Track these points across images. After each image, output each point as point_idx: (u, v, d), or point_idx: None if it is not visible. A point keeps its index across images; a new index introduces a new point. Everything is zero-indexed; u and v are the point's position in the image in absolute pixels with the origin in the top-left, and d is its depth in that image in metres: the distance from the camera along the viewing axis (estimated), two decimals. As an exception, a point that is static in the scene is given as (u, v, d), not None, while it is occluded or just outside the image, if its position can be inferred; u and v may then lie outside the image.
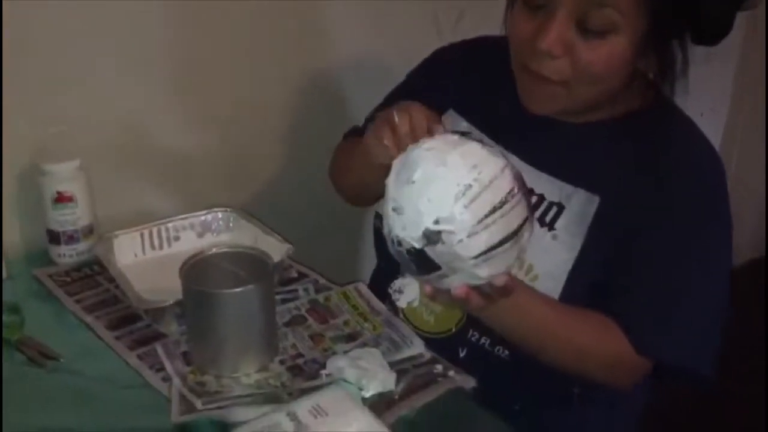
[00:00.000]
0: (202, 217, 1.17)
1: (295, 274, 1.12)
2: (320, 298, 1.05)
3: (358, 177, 1.03)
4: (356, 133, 1.18)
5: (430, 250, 0.73)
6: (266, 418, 0.77)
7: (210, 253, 0.94)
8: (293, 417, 0.77)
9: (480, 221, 0.72)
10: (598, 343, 0.90)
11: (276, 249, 1.06)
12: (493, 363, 0.97)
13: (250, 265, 0.93)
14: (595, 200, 0.93)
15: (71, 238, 1.11)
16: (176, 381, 0.88)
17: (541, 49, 0.85)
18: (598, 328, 0.90)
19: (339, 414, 0.78)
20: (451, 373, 0.91)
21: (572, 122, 0.96)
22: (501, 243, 0.73)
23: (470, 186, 0.72)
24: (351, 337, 0.97)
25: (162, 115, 1.25)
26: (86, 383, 0.89)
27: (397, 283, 1.03)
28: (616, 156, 0.94)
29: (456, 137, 0.77)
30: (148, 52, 1.20)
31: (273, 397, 0.86)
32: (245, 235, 1.15)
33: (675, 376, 0.94)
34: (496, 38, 0.98)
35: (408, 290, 1.03)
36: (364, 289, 1.07)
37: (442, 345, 0.98)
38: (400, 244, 0.74)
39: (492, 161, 0.74)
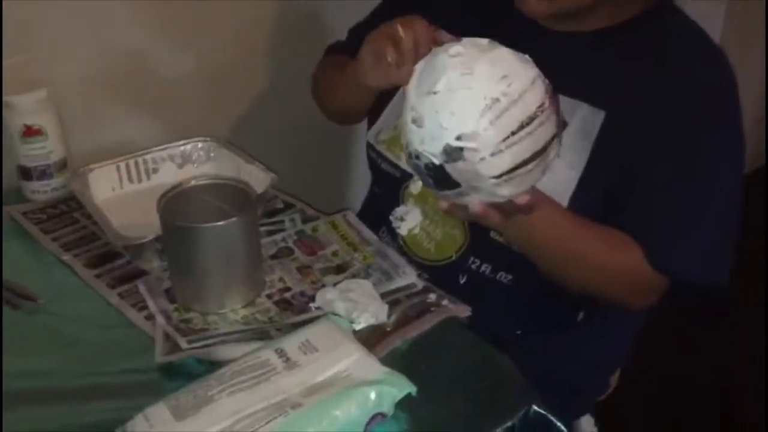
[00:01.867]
0: (182, 148, 1.12)
1: (280, 205, 1.07)
2: (307, 228, 1.01)
3: (345, 100, 0.98)
4: (339, 50, 1.12)
5: (450, 167, 0.68)
6: (254, 356, 0.74)
7: (189, 185, 0.89)
8: (282, 353, 0.74)
9: (505, 139, 0.67)
10: (612, 258, 0.87)
11: (260, 179, 1.02)
12: (495, 289, 0.94)
13: (231, 196, 0.89)
14: (600, 115, 0.88)
15: (43, 174, 1.06)
16: (160, 319, 0.85)
17: None
18: (617, 246, 0.87)
19: (329, 349, 0.75)
20: (445, 302, 0.88)
21: (573, 31, 0.91)
22: (526, 162, 0.68)
23: (498, 100, 0.66)
24: (340, 269, 0.94)
25: (136, 39, 1.18)
26: (66, 324, 0.86)
27: (399, 210, 1.01)
28: (621, 67, 0.89)
29: (485, 42, 0.70)
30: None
31: (261, 333, 0.83)
32: (227, 166, 1.10)
33: (690, 290, 0.91)
34: None
35: (410, 218, 1.00)
36: (353, 217, 1.03)
37: (442, 272, 0.96)
38: (417, 157, 0.69)
39: (523, 71, 0.68)
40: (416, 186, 0.98)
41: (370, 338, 0.82)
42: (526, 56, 0.71)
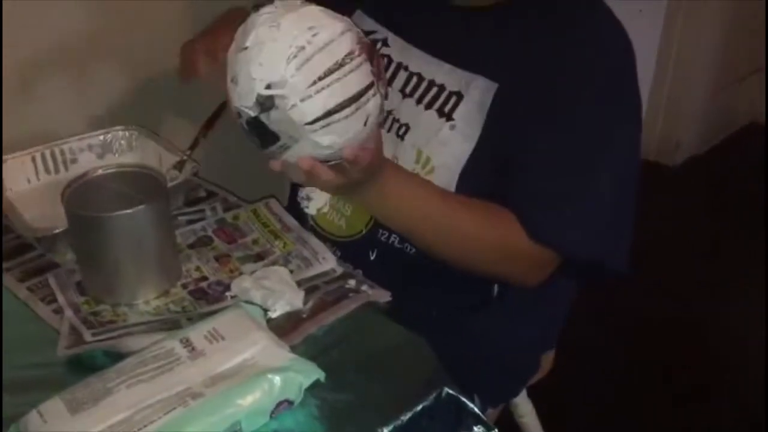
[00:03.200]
0: (101, 137, 1.09)
1: (203, 193, 1.06)
2: (228, 217, 0.99)
3: None
4: None
5: (265, 118, 0.70)
6: (158, 346, 0.73)
7: (95, 174, 0.87)
8: (187, 343, 0.73)
9: (313, 83, 0.68)
10: (486, 230, 0.86)
11: (182, 167, 1.00)
12: (405, 262, 0.94)
13: (142, 184, 0.87)
14: (494, 87, 0.88)
15: (-47, 166, 1.02)
16: (68, 312, 0.83)
17: None
18: (485, 215, 0.86)
19: (237, 338, 0.73)
20: (365, 287, 0.88)
21: (473, 6, 0.92)
22: (340, 108, 0.70)
23: (303, 48, 0.68)
24: (260, 257, 0.92)
25: (56, 24, 1.13)
26: (-30, 320, 0.83)
27: (305, 191, 1.00)
28: (516, 40, 0.89)
29: (297, 2, 0.72)
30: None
31: (171, 324, 0.81)
32: (149, 155, 1.08)
33: (585, 270, 0.91)
34: None
35: (316, 196, 0.99)
36: (275, 205, 1.01)
37: (354, 249, 0.96)
38: (239, 115, 0.71)
39: (330, 24, 0.70)
40: None
41: (286, 325, 0.81)
42: (338, 14, 0.73)
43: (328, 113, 0.69)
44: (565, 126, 0.85)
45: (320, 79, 0.68)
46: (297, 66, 0.68)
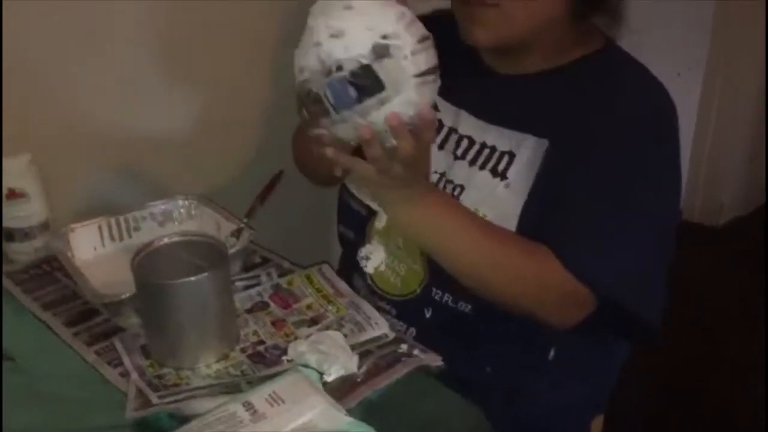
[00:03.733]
0: (163, 206, 1.14)
1: (258, 260, 1.10)
2: (283, 282, 1.03)
3: (318, 167, 1.01)
4: None
5: (377, 65, 0.74)
6: (221, 409, 0.76)
7: (161, 242, 0.91)
8: (249, 406, 0.76)
9: (419, 41, 0.76)
10: (521, 258, 0.88)
11: (240, 235, 1.04)
12: (459, 320, 0.96)
13: (204, 252, 0.91)
14: (544, 143, 0.93)
15: (27, 235, 1.09)
16: (134, 375, 0.86)
17: None
18: (521, 244, 0.88)
19: (296, 401, 0.76)
20: (417, 351, 0.90)
21: (519, 74, 0.97)
22: (432, 70, 0.77)
23: (404, 13, 0.76)
24: (314, 321, 0.96)
25: (115, 102, 1.21)
26: (42, 383, 0.87)
27: (364, 250, 1.05)
28: (564, 100, 0.94)
29: None
30: (98, 40, 1.17)
31: (232, 387, 0.84)
32: (208, 223, 1.12)
33: (620, 321, 0.91)
34: (445, 10, 0.98)
35: (374, 256, 1.04)
36: (328, 270, 1.05)
37: (409, 307, 0.99)
38: (340, 68, 0.74)
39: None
40: (381, 221, 1.02)
41: (341, 389, 0.83)
42: None
43: (428, 71, 0.76)
44: (606, 169, 0.89)
45: (422, 40, 0.76)
46: (406, 25, 0.75)
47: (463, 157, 0.99)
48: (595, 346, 1.00)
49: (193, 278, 0.85)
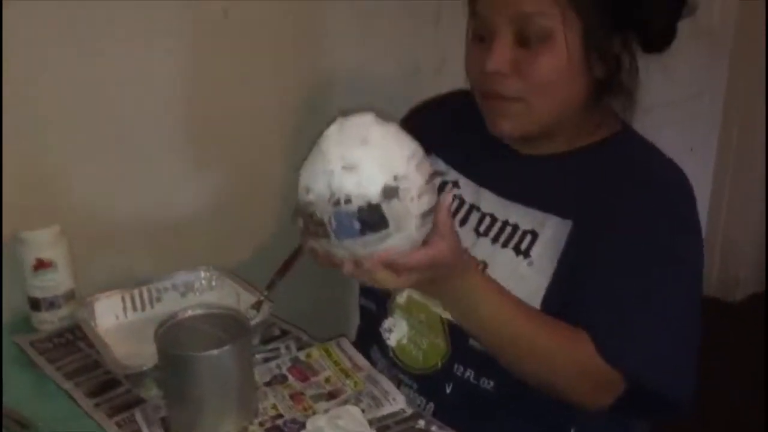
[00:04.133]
0: (185, 277, 1.17)
1: (277, 332, 1.11)
2: (301, 355, 1.04)
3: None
4: None
5: (385, 205, 0.75)
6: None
7: (185, 315, 0.93)
8: (268, 482, 0.76)
9: (427, 182, 0.77)
10: (561, 346, 0.89)
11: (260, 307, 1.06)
12: (481, 397, 0.96)
13: (226, 325, 0.93)
14: (568, 224, 0.94)
15: (52, 305, 1.11)
16: (153, 448, 0.87)
17: (490, 70, 0.91)
18: (563, 333, 0.89)
19: (315, 477, 0.76)
20: (434, 428, 0.90)
21: (540, 154, 1.00)
22: (431, 211, 0.79)
23: (416, 151, 0.78)
24: (332, 395, 0.96)
25: (141, 176, 1.26)
26: (63, 453, 0.88)
27: (387, 322, 1.05)
28: (585, 182, 0.96)
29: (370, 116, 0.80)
30: (123, 116, 1.21)
31: (250, 461, 0.84)
32: (228, 294, 1.15)
33: (649, 402, 0.92)
34: (465, 90, 1.02)
35: (397, 329, 1.04)
36: (345, 344, 1.06)
37: (431, 381, 1.00)
38: (349, 201, 0.75)
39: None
40: (402, 296, 1.03)
41: (359, 465, 0.84)
42: None
43: (429, 211, 0.78)
44: (633, 255, 0.90)
45: (429, 180, 0.78)
46: (416, 164, 0.77)
47: (485, 234, 1.01)
48: (616, 425, 0.99)
49: (215, 351, 0.86)
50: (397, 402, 0.94)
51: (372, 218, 0.75)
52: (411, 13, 1.50)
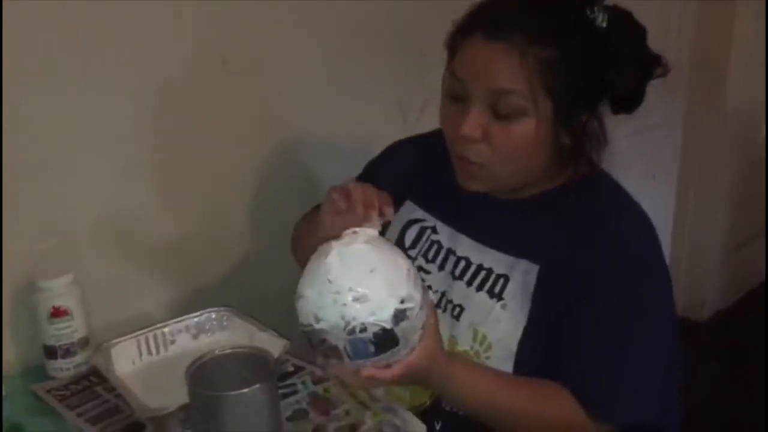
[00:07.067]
0: (196, 319, 1.19)
1: (291, 368, 1.14)
2: (319, 389, 1.08)
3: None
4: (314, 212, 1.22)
5: (397, 328, 0.79)
6: None
7: (213, 354, 0.96)
8: None
9: (423, 295, 0.82)
10: (546, 408, 0.93)
11: (273, 345, 1.09)
12: (472, 430, 0.99)
13: (251, 364, 0.95)
14: (535, 269, 0.99)
15: (68, 352, 1.12)
16: (185, 488, 0.89)
17: (462, 135, 0.94)
18: (545, 394, 0.93)
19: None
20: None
21: (512, 198, 1.04)
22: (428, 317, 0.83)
23: (409, 269, 0.82)
24: (353, 428, 1.00)
25: (145, 220, 1.29)
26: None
27: None
28: (551, 227, 1.00)
29: (358, 229, 0.84)
30: (130, 160, 1.25)
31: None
32: (240, 334, 1.17)
33: None
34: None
35: None
36: (361, 377, 1.10)
37: (420, 419, 1.02)
38: (364, 330, 0.79)
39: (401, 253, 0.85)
40: None
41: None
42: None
43: (426, 321, 0.82)
44: (605, 306, 0.94)
45: (424, 293, 0.82)
46: (414, 282, 0.80)
47: (461, 277, 1.05)
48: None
49: (246, 390, 0.89)
50: (417, 429, 0.98)
51: (385, 340, 0.79)
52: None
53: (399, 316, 0.78)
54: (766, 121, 2.51)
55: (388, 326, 0.78)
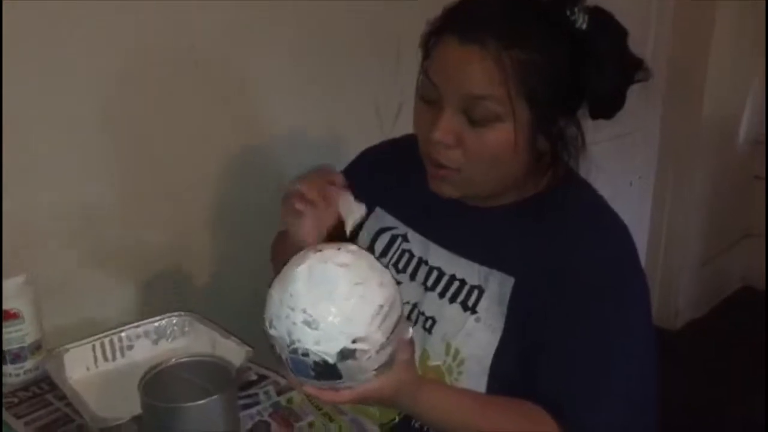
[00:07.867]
0: (156, 324, 1.14)
1: (254, 377, 1.10)
2: (282, 400, 1.03)
3: None
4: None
5: (341, 365, 0.75)
6: None
7: (169, 364, 0.91)
8: None
9: (387, 338, 0.76)
10: (521, 427, 0.89)
11: (235, 352, 1.05)
12: None
13: (210, 373, 0.91)
14: (510, 281, 0.95)
15: (18, 357, 1.07)
16: (137, 504, 0.84)
17: (435, 140, 0.91)
18: (519, 412, 0.89)
19: None
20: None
21: (486, 206, 1.00)
22: (393, 356, 0.79)
23: (382, 306, 0.76)
24: (317, 440, 0.96)
25: (109, 221, 1.23)
26: None
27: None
28: (527, 237, 0.96)
29: (354, 248, 0.79)
30: (91, 157, 1.19)
31: None
32: (202, 340, 1.13)
33: None
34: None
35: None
36: (326, 387, 1.05)
37: None
38: (306, 354, 0.75)
39: (390, 281, 0.79)
40: None
41: None
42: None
43: (389, 359, 0.78)
44: (581, 322, 0.90)
45: (391, 333, 0.77)
46: (378, 324, 0.75)
47: (433, 288, 1.01)
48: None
49: (205, 400, 0.85)
50: (383, 445, 0.94)
51: (325, 372, 0.75)
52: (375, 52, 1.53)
53: (345, 354, 0.74)
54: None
55: (331, 361, 0.74)
